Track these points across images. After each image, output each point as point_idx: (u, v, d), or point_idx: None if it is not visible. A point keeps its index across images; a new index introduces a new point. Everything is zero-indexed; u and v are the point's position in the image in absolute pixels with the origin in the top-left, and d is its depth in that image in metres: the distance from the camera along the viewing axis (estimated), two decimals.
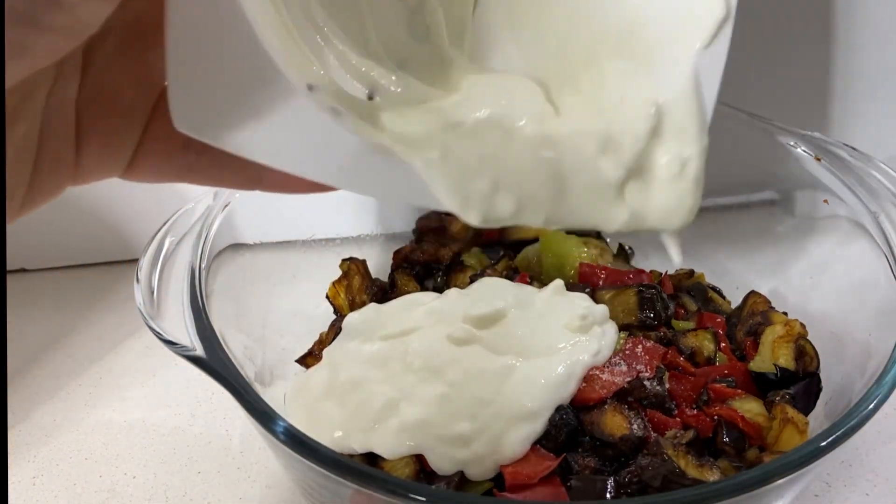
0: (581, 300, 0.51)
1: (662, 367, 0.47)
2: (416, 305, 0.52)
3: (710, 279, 0.61)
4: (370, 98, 0.29)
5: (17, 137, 0.24)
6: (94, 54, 0.26)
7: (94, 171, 0.28)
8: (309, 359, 0.54)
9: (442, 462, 0.43)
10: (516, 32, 0.34)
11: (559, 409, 0.44)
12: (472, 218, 0.28)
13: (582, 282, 0.55)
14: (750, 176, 0.60)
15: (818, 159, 0.52)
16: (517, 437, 0.43)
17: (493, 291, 0.53)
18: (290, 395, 0.49)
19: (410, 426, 0.44)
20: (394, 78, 0.30)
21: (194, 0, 0.23)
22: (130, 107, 0.28)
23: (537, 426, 0.44)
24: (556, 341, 0.48)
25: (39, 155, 0.25)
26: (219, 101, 0.24)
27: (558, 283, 0.53)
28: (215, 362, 0.38)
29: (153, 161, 0.29)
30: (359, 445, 0.44)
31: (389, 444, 0.44)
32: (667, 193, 0.31)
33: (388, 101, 0.29)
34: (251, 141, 0.25)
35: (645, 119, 0.30)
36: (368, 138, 0.28)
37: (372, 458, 0.44)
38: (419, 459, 0.44)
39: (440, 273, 0.60)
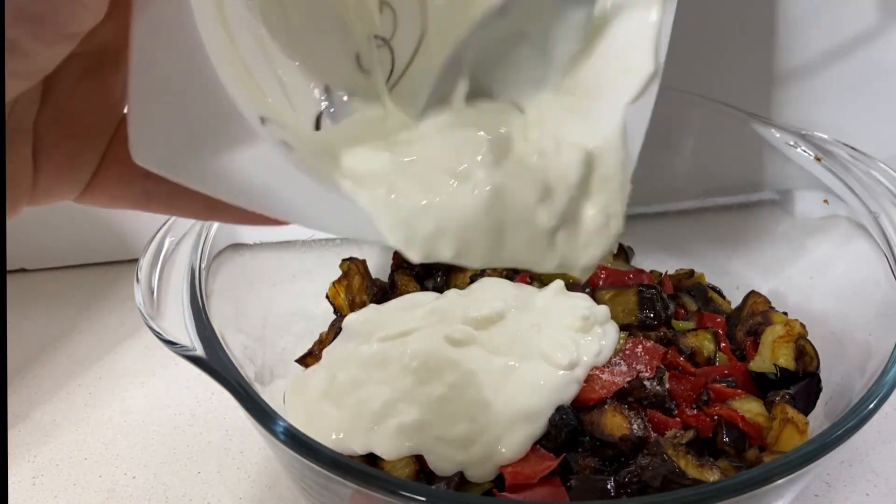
0: (582, 300, 0.51)
1: (662, 367, 0.47)
2: (416, 306, 0.52)
3: (710, 279, 0.61)
4: (317, 127, 0.30)
5: None
6: (55, 80, 0.26)
7: (50, 193, 0.28)
8: (309, 359, 0.54)
9: (441, 463, 0.43)
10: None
11: (559, 409, 0.44)
12: (413, 256, 0.29)
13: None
14: (750, 176, 0.60)
15: (818, 159, 0.52)
16: (517, 439, 0.43)
17: (492, 292, 0.53)
18: (289, 396, 0.49)
19: (409, 427, 0.44)
20: (335, 109, 0.30)
21: (158, 38, 0.23)
22: (91, 131, 0.27)
23: (538, 427, 0.44)
24: (557, 342, 0.47)
25: None
26: (179, 136, 0.25)
27: (559, 284, 0.52)
28: (215, 362, 0.38)
29: (110, 185, 0.29)
30: (358, 447, 0.44)
31: (388, 445, 0.44)
32: (593, 244, 0.33)
33: (336, 133, 0.30)
34: (209, 176, 0.25)
35: (577, 168, 0.32)
36: (317, 173, 0.28)
37: (372, 458, 0.44)
38: (419, 459, 0.44)
39: (440, 273, 0.60)
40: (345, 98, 0.31)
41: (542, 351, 0.47)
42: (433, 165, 0.30)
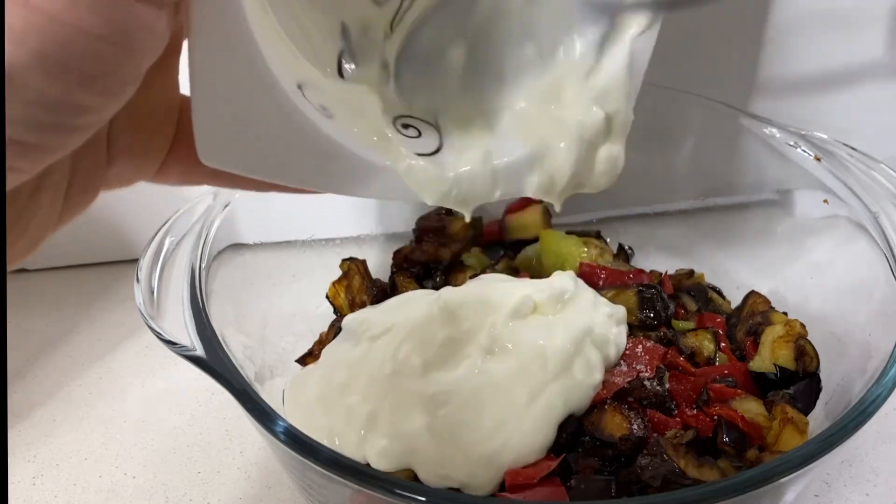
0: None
1: (662, 367, 0.47)
2: (413, 304, 0.51)
3: (710, 279, 0.61)
4: (339, 71, 0.32)
5: (48, 180, 0.24)
6: None
7: (124, 178, 0.29)
8: (309, 359, 0.54)
9: (436, 482, 0.41)
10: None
11: None
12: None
13: None
14: (750, 176, 0.60)
15: (818, 159, 0.52)
16: (526, 453, 0.42)
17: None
18: (287, 396, 0.49)
19: (397, 447, 0.42)
20: (354, 46, 0.32)
21: (216, 42, 0.24)
22: (161, 123, 0.28)
23: (549, 439, 0.42)
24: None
25: (71, 182, 0.26)
26: (243, 136, 0.26)
27: None
28: (215, 362, 0.38)
29: (180, 165, 0.30)
30: (353, 454, 0.43)
31: (379, 459, 0.42)
32: (600, 182, 0.36)
33: (354, 75, 0.32)
34: (272, 167, 0.28)
35: (602, 120, 0.34)
36: (356, 139, 0.30)
37: None
38: None
39: (440, 273, 0.60)
40: (359, 30, 0.32)
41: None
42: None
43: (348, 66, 0.32)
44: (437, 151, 0.34)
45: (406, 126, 0.34)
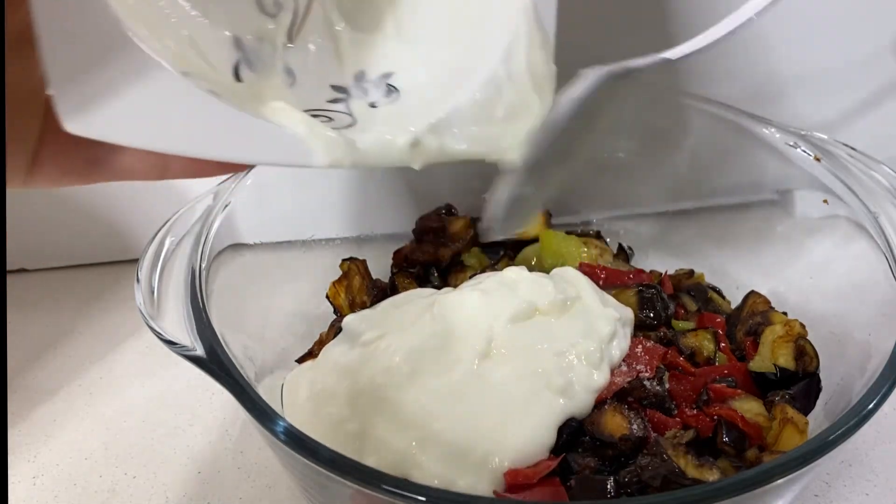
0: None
1: (662, 367, 0.47)
2: (412, 303, 0.51)
3: (710, 279, 0.61)
4: (237, 77, 0.30)
5: None
6: None
7: None
8: (308, 359, 0.54)
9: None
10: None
11: None
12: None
13: None
14: (750, 176, 0.60)
15: (818, 159, 0.52)
16: (521, 458, 0.41)
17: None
18: (284, 395, 0.49)
19: (394, 455, 0.41)
20: (250, 56, 0.31)
21: (62, 7, 0.23)
22: (21, 104, 0.27)
23: (547, 443, 0.42)
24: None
25: None
26: (102, 96, 0.25)
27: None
28: (215, 362, 0.38)
29: (56, 161, 0.28)
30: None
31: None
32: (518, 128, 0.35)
33: (253, 80, 0.31)
34: (142, 131, 0.26)
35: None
36: (246, 109, 0.29)
37: None
38: None
39: (439, 273, 0.60)
40: (254, 41, 0.31)
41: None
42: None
43: (247, 71, 0.31)
44: (350, 126, 0.33)
45: (315, 116, 0.32)
